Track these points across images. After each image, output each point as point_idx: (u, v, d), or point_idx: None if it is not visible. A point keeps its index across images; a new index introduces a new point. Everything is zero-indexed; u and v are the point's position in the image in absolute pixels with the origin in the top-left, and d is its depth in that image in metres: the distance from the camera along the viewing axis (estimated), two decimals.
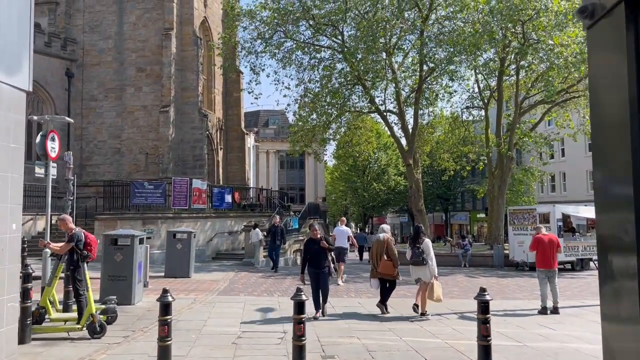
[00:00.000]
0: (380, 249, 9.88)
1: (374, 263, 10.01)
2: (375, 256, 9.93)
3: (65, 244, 8.08)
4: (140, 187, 21.40)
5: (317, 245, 9.59)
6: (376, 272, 9.97)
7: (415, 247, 9.89)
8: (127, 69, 28.41)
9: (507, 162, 26.83)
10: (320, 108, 28.51)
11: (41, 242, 8.74)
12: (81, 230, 8.33)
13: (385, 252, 9.77)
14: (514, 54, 24.63)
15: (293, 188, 55.59)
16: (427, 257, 9.81)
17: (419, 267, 9.91)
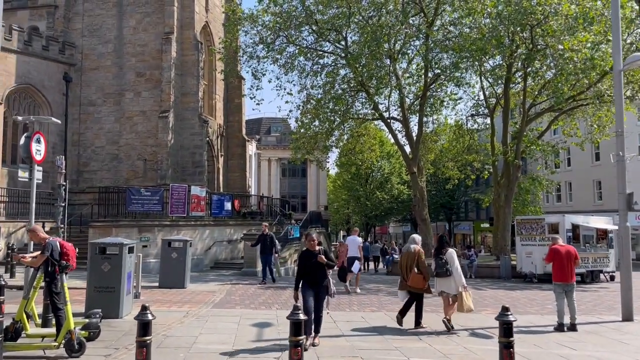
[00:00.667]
0: (410, 260, 9.44)
1: (403, 275, 9.54)
2: (405, 268, 9.47)
3: (39, 255, 7.43)
4: (137, 194, 20.78)
5: (315, 259, 7.99)
6: (405, 285, 9.51)
7: (439, 258, 9.47)
8: (127, 74, 27.90)
9: (513, 170, 26.14)
10: (323, 114, 27.90)
11: (15, 256, 8.07)
12: (56, 239, 7.67)
13: (416, 265, 9.33)
14: (522, 60, 24.03)
15: (295, 196, 54.94)
16: (451, 267, 9.35)
17: (443, 279, 9.48)
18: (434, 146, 34.60)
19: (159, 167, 26.16)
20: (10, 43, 24.13)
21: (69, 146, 27.49)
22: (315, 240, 8.24)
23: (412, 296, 9.56)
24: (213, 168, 30.97)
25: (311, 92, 27.98)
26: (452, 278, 9.34)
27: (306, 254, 8.26)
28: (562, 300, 9.98)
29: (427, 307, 12.19)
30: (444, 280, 9.46)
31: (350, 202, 55.92)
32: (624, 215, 11.49)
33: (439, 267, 9.41)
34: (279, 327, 9.55)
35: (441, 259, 9.44)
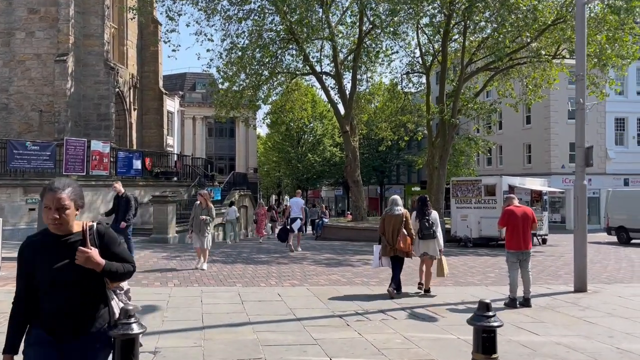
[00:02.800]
0: (398, 224, 8.84)
1: (388, 240, 8.89)
2: (392, 232, 8.84)
3: None
4: (21, 148, 17.54)
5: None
6: (392, 250, 8.87)
7: (425, 220, 9.08)
8: (17, 10, 23.82)
9: (449, 130, 24.83)
10: (250, 67, 25.29)
11: None
12: None
13: (404, 227, 8.83)
14: (462, 12, 22.39)
15: (222, 158, 51.97)
16: (436, 229, 9.11)
17: (428, 240, 9.12)
18: (367, 106, 32.94)
19: (57, 120, 22.74)
20: None
21: None
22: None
23: (394, 260, 9.04)
24: (125, 123, 27.67)
25: (235, 41, 25.21)
26: (436, 240, 9.12)
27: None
28: (515, 271, 8.39)
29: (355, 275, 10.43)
30: (428, 242, 9.13)
31: (282, 164, 53.75)
32: (581, 172, 10.05)
33: (426, 229, 9.05)
34: (168, 311, 7.33)
35: (427, 220, 9.07)
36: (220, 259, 13.79)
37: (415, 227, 9.10)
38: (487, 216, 20.12)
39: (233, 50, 25.19)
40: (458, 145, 30.77)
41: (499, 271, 12.68)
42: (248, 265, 12.65)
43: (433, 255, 9.17)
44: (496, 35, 21.83)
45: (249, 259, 13.91)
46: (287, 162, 51.24)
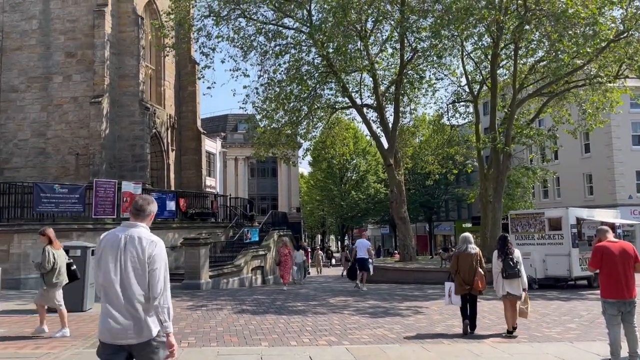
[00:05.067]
0: (472, 262, 8.98)
1: (463, 278, 8.94)
2: (468, 270, 8.93)
3: None
4: (49, 192, 16.81)
5: None
6: (467, 288, 8.96)
7: (508, 259, 8.82)
8: (54, 54, 23.84)
9: (503, 160, 22.84)
10: (288, 103, 24.35)
11: None
12: None
13: (479, 266, 9.00)
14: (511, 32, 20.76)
15: (265, 198, 51.15)
16: (520, 267, 8.85)
17: (512, 280, 8.81)
18: (412, 139, 31.34)
19: (91, 162, 22.18)
20: None
21: None
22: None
23: (470, 299, 9.12)
24: (162, 164, 27.03)
25: (272, 76, 24.41)
26: (520, 279, 8.85)
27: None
28: (616, 326, 6.45)
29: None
30: (512, 281, 8.82)
31: (325, 203, 52.33)
32: None
33: (510, 268, 8.77)
34: None
35: (511, 259, 8.82)
36: (251, 308, 12.23)
37: (498, 267, 8.87)
38: (553, 253, 17.89)
39: (270, 85, 24.40)
40: (513, 176, 28.51)
41: (579, 320, 10.59)
42: (280, 316, 11.04)
43: (517, 294, 8.81)
44: (551, 57, 20.04)
45: (282, 308, 12.31)
46: (330, 200, 49.81)
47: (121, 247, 3.75)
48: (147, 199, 4.02)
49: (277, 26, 24.16)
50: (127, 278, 3.71)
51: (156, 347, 3.71)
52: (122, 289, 3.69)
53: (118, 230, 3.88)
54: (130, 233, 3.79)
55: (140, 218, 3.91)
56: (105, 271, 3.74)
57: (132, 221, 3.89)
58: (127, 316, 3.65)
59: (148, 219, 3.95)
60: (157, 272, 3.73)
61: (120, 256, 3.73)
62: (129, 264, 3.72)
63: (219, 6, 22.83)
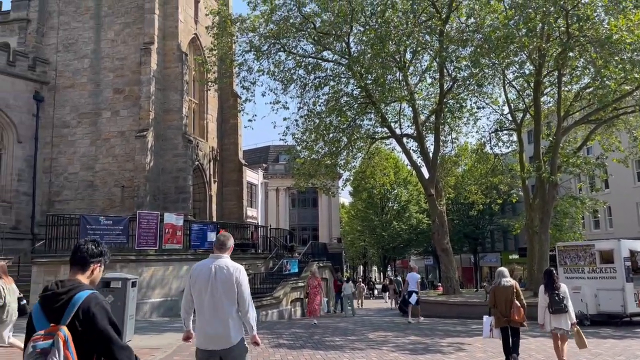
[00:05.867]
0: (510, 295, 9.17)
1: (501, 311, 9.20)
2: (504, 303, 9.17)
3: None
4: (95, 223, 17.30)
5: None
6: (505, 321, 9.14)
7: (555, 294, 8.96)
8: (104, 91, 24.93)
9: (549, 189, 22.09)
10: (327, 134, 24.47)
11: None
12: None
13: (517, 298, 9.14)
14: (554, 59, 20.33)
15: (306, 228, 51.14)
16: (567, 302, 8.98)
17: (559, 315, 8.95)
18: (454, 169, 30.81)
19: (136, 194, 22.81)
20: None
21: (39, 173, 24.41)
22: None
23: (511, 331, 9.24)
24: (205, 196, 27.54)
25: (312, 108, 24.65)
26: (568, 314, 8.96)
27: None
28: None
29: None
30: (559, 316, 8.95)
31: (366, 233, 51.80)
32: None
33: (557, 304, 8.92)
34: None
35: (557, 294, 8.96)
36: (288, 342, 12.07)
37: (544, 301, 9.01)
38: (605, 288, 16.96)
39: (310, 117, 24.61)
40: (560, 206, 27.53)
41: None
42: (317, 351, 10.82)
43: (565, 329, 8.93)
44: (597, 83, 19.45)
45: (319, 343, 12.07)
46: (372, 230, 49.29)
47: (212, 274, 4.76)
48: (227, 236, 5.11)
49: (316, 59, 24.50)
50: (219, 298, 4.73)
51: (241, 350, 4.80)
52: (213, 306, 4.73)
53: (207, 261, 4.95)
54: (218, 263, 4.83)
55: (223, 250, 4.97)
56: (200, 293, 4.80)
57: (217, 253, 4.95)
58: (218, 327, 4.72)
59: (229, 251, 5.01)
60: (244, 291, 4.78)
61: (212, 281, 4.74)
62: (219, 286, 4.73)
63: (260, 41, 23.37)
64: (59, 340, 2.80)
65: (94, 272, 3.25)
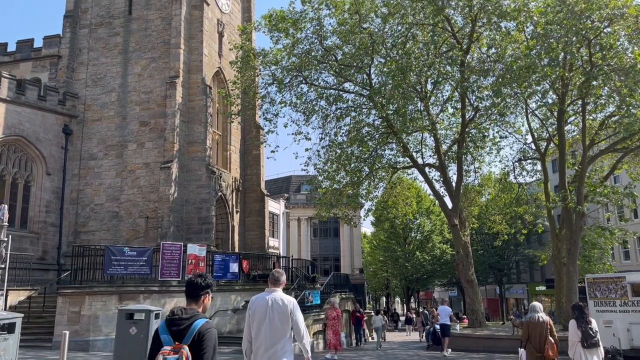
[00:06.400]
0: (544, 330, 9.08)
1: (535, 347, 9.09)
2: (538, 338, 9.09)
3: None
4: (119, 254, 17.48)
5: None
6: (539, 357, 9.01)
7: (588, 328, 9.05)
8: (130, 124, 25.50)
9: (576, 219, 21.64)
10: (349, 164, 24.53)
11: None
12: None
13: (550, 334, 9.06)
14: (577, 88, 20.21)
15: (327, 259, 50.85)
16: (599, 336, 9.09)
17: (593, 349, 9.03)
18: (477, 198, 30.47)
19: (160, 225, 23.03)
20: None
21: (66, 204, 24.86)
22: None
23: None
24: (227, 226, 27.65)
25: (333, 138, 24.80)
26: (599, 348, 9.08)
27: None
28: None
29: None
30: (592, 350, 9.02)
31: (388, 264, 51.21)
32: None
33: (591, 337, 8.99)
34: None
35: (591, 328, 9.06)
36: None
37: (576, 336, 9.09)
38: (638, 322, 16.39)
39: (331, 147, 24.74)
40: (588, 236, 26.92)
41: None
42: None
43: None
44: (622, 112, 19.22)
45: None
46: (394, 261, 48.72)
47: (269, 305, 5.63)
48: (281, 272, 6.03)
49: (337, 90, 24.77)
50: (275, 327, 5.58)
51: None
52: (270, 334, 5.54)
53: (264, 294, 5.81)
54: (273, 296, 5.72)
55: (277, 285, 5.82)
56: (259, 322, 5.65)
57: (272, 288, 5.80)
58: (271, 351, 5.50)
59: (282, 285, 5.89)
60: (299, 320, 5.70)
61: (269, 312, 5.61)
62: (275, 316, 5.59)
63: (282, 74, 23.76)
64: (183, 356, 3.64)
65: (204, 302, 4.14)
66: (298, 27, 22.99)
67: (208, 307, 4.18)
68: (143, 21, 26.41)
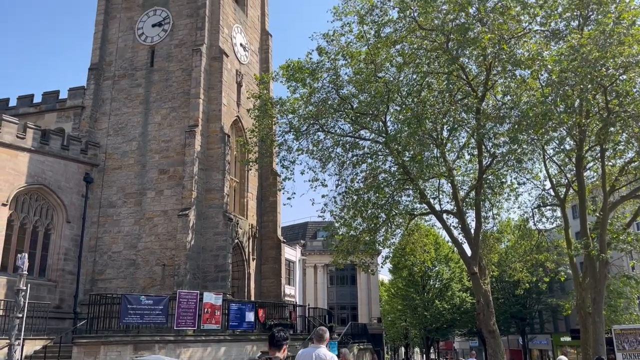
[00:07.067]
0: None
1: None
2: None
3: None
4: (136, 303, 17.41)
5: None
6: None
7: None
8: (149, 172, 25.89)
9: (600, 267, 21.10)
10: (365, 211, 24.45)
11: None
12: None
13: None
14: (595, 134, 20.12)
15: (344, 307, 49.98)
16: None
17: None
18: (497, 245, 29.97)
19: (176, 273, 22.98)
20: (23, 141, 22.75)
21: (84, 252, 25.03)
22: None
23: None
24: (243, 274, 27.48)
25: (350, 185, 24.84)
26: None
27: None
28: None
29: None
30: None
31: (407, 313, 50.10)
32: None
33: None
34: None
35: None
36: None
37: None
38: None
39: (348, 194, 24.73)
40: (613, 285, 26.18)
41: None
42: None
43: None
44: None
45: None
46: (413, 310, 47.67)
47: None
48: (325, 330, 6.84)
49: (353, 138, 24.96)
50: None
51: None
52: None
53: (310, 350, 6.65)
54: (317, 352, 6.53)
55: (321, 342, 6.62)
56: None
57: (316, 344, 6.64)
58: None
59: (326, 342, 6.66)
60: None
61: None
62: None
63: (299, 122, 24.09)
64: None
65: (284, 351, 5.21)
66: (315, 76, 23.47)
67: (286, 355, 5.19)
68: (164, 72, 27.24)
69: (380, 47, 21.89)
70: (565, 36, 18.48)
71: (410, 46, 21.94)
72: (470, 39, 18.82)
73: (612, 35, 16.42)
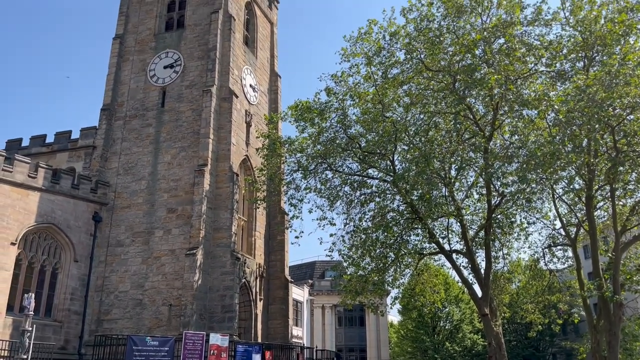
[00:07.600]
0: None
1: None
2: None
3: None
4: (141, 344, 17.19)
5: None
6: None
7: None
8: (158, 211, 25.99)
9: (615, 309, 20.63)
10: (374, 250, 24.27)
11: None
12: None
13: None
14: (604, 174, 20.05)
15: (353, 349, 48.95)
16: None
17: None
18: (508, 286, 29.48)
19: (182, 313, 22.72)
20: (34, 180, 22.99)
21: (91, 292, 24.91)
22: None
23: None
24: (250, 314, 27.11)
25: (358, 224, 24.74)
26: None
27: None
28: None
29: None
30: None
31: (417, 355, 48.92)
32: None
33: None
34: None
35: None
36: None
37: None
38: None
39: (356, 233, 24.60)
40: (628, 328, 25.56)
41: None
42: None
43: None
44: None
45: None
46: (423, 352, 46.56)
47: None
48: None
49: (361, 176, 25.02)
50: None
51: None
52: None
53: None
54: None
55: None
56: None
57: None
58: None
59: None
60: None
61: None
62: None
63: (307, 161, 24.24)
64: None
65: None
66: (323, 116, 23.74)
67: None
68: (175, 113, 27.68)
69: (388, 87, 22.22)
70: (571, 77, 18.71)
71: (417, 86, 22.25)
72: (477, 80, 19.07)
73: (618, 76, 16.58)
